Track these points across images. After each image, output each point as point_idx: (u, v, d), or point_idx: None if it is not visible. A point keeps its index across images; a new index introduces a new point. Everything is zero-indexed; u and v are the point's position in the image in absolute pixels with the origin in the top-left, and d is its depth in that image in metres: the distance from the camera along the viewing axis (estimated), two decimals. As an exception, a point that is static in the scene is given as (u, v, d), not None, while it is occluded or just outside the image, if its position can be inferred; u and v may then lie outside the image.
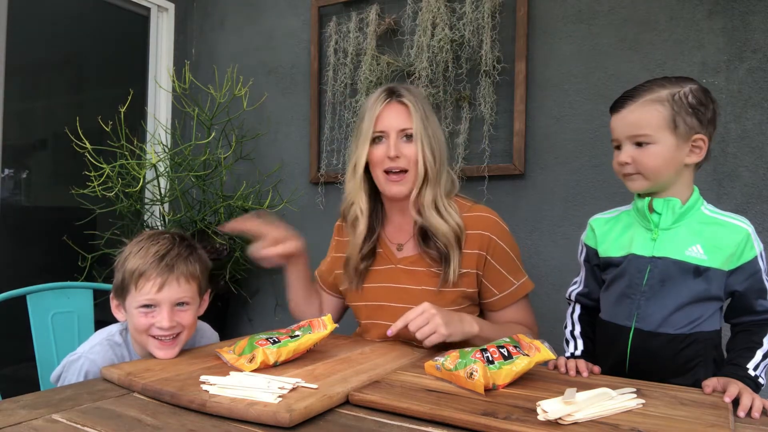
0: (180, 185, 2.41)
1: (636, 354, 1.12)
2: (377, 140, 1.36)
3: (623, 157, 1.11)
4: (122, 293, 1.17)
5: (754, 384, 1.01)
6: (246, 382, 0.91)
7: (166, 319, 1.12)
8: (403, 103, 1.36)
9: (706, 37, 1.85)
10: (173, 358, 1.12)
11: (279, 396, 0.86)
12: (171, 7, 2.93)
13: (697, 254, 1.08)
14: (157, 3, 2.88)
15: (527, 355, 0.99)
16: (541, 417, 0.79)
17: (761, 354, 1.05)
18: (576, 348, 1.23)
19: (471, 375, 0.93)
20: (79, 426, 0.80)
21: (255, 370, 1.01)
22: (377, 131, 1.36)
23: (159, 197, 2.39)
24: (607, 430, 0.77)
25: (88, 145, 2.18)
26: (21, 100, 2.43)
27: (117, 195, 2.22)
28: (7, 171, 2.38)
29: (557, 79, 2.07)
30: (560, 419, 0.78)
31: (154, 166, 2.34)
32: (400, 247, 1.43)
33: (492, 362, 0.96)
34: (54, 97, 2.60)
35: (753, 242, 1.09)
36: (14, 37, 2.31)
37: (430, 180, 1.35)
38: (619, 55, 1.97)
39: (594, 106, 2.01)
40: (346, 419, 0.84)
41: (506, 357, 0.98)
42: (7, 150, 2.32)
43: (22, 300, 1.46)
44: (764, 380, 1.04)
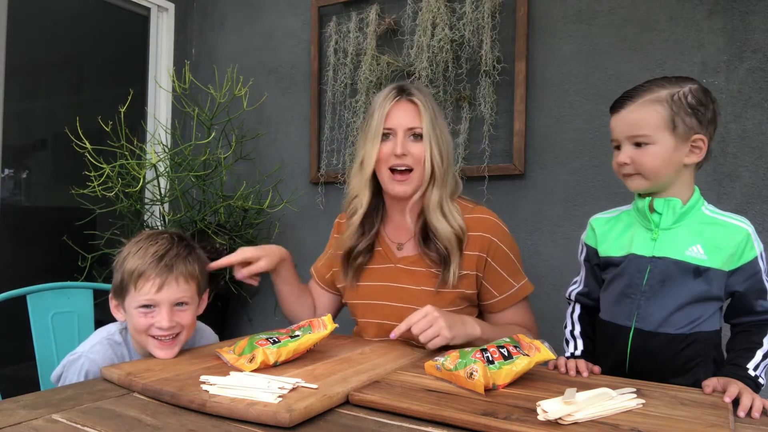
0: (180, 185, 2.41)
1: (636, 354, 1.12)
2: (385, 137, 1.36)
3: (622, 158, 1.11)
4: (121, 293, 1.17)
5: (754, 384, 1.01)
6: (246, 382, 0.91)
7: (166, 320, 1.12)
8: (413, 102, 1.36)
9: (706, 37, 1.85)
10: (173, 358, 1.13)
11: (279, 396, 0.86)
12: (171, 7, 2.93)
13: (698, 254, 1.08)
14: (157, 3, 2.88)
15: (527, 355, 0.99)
16: (541, 417, 0.79)
17: (761, 354, 1.05)
18: (576, 348, 1.23)
19: (471, 375, 0.93)
20: (79, 426, 0.80)
21: (255, 370, 1.01)
22: (386, 128, 1.35)
23: (159, 197, 2.39)
24: (607, 430, 0.77)
25: (88, 145, 2.18)
26: (21, 100, 2.43)
27: (117, 195, 2.22)
28: (7, 171, 2.38)
29: (557, 79, 2.07)
30: (560, 419, 0.78)
31: (154, 166, 2.34)
32: (400, 247, 1.43)
33: (492, 362, 0.96)
34: (54, 97, 2.60)
35: (753, 242, 1.09)
36: (14, 37, 2.31)
37: (438, 180, 1.35)
38: (619, 55, 1.97)
39: (594, 106, 2.01)
40: (346, 419, 0.84)
41: (506, 357, 0.98)
42: (7, 150, 2.32)
43: (22, 300, 1.46)
44: (764, 380, 1.04)
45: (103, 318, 1.31)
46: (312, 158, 2.58)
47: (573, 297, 1.30)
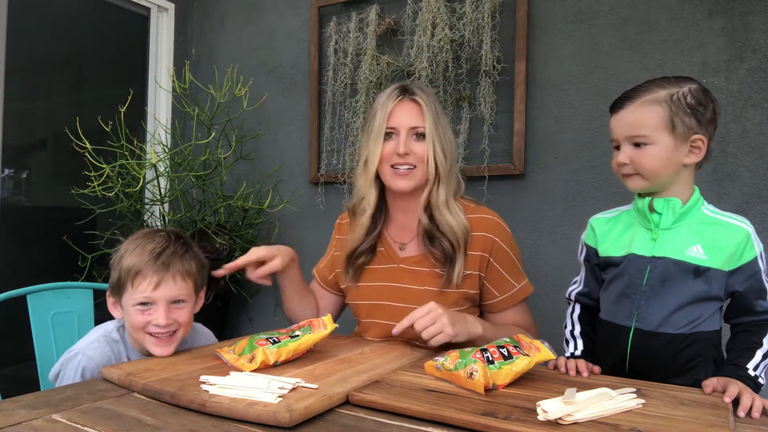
0: (180, 185, 2.41)
1: (636, 354, 1.13)
2: (387, 137, 1.36)
3: (621, 158, 1.12)
4: (118, 291, 1.17)
5: (754, 384, 1.01)
6: (246, 382, 0.91)
7: (163, 317, 1.12)
8: (416, 102, 1.36)
9: (706, 37, 1.85)
10: (173, 358, 1.13)
11: (279, 396, 0.86)
12: (171, 7, 2.93)
13: (698, 254, 1.08)
14: (157, 3, 2.88)
15: (527, 355, 0.99)
16: (541, 417, 0.79)
17: (761, 354, 1.05)
18: (576, 348, 1.23)
19: (471, 375, 0.93)
20: (79, 426, 0.80)
21: (255, 370, 1.01)
22: (388, 128, 1.36)
23: (159, 197, 2.39)
24: (607, 430, 0.77)
25: (88, 145, 2.18)
26: (21, 100, 2.43)
27: (117, 195, 2.22)
28: (7, 171, 2.38)
29: (557, 79, 2.07)
30: (560, 419, 0.79)
31: (154, 166, 2.34)
32: (403, 247, 1.43)
33: (492, 362, 0.96)
34: (54, 97, 2.60)
35: (753, 242, 1.09)
36: (14, 37, 2.31)
37: (443, 179, 1.36)
38: (619, 55, 1.97)
39: (594, 106, 2.01)
40: (346, 419, 0.84)
41: (506, 357, 0.98)
42: (7, 150, 2.32)
43: (22, 300, 1.46)
44: (764, 380, 1.04)
45: (103, 318, 1.31)
46: (312, 158, 2.58)
47: (573, 297, 1.30)
